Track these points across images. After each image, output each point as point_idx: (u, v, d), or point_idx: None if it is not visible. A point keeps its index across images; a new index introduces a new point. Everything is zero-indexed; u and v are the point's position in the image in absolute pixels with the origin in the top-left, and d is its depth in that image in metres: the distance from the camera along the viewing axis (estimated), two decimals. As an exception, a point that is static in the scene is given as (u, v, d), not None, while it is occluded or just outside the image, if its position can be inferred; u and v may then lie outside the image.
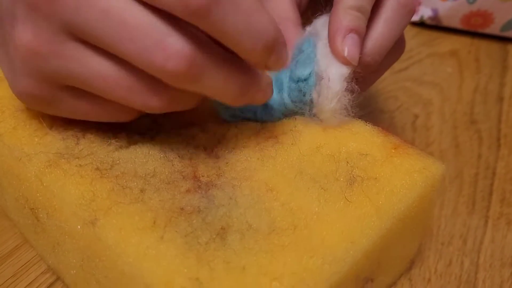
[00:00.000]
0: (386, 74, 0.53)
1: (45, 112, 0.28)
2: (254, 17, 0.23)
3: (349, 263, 0.23)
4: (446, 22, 0.60)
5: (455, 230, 0.38)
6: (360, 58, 0.31)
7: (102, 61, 0.24)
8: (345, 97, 0.30)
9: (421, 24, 0.61)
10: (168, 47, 0.22)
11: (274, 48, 0.25)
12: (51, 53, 0.24)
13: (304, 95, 0.31)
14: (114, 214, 0.24)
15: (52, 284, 0.32)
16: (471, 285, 0.35)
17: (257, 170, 0.28)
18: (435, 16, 0.59)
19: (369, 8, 0.31)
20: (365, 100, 0.49)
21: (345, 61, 0.30)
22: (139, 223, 0.24)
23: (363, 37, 0.31)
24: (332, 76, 0.30)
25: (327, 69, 0.30)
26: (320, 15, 0.33)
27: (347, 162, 0.28)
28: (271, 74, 0.31)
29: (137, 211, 0.24)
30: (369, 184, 0.27)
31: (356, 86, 0.31)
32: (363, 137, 0.30)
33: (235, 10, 0.23)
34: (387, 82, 0.52)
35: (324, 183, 0.27)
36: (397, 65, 0.54)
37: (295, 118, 0.31)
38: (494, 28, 0.59)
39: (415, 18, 0.61)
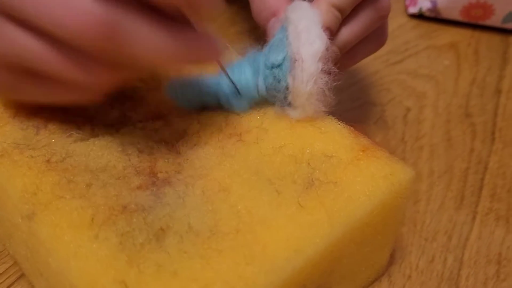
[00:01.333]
0: (380, 66, 0.52)
1: (16, 99, 0.28)
2: None
3: (289, 273, 0.22)
4: (445, 14, 0.58)
5: (441, 225, 0.37)
6: None
7: (33, 38, 0.23)
8: (321, 79, 0.29)
9: (420, 16, 0.60)
10: (74, 9, 0.21)
11: None
12: None
13: (279, 82, 0.29)
14: (54, 209, 0.24)
15: (22, 275, 0.32)
16: (453, 282, 0.34)
17: (213, 168, 0.27)
18: (434, 8, 0.58)
19: (349, 10, 0.33)
20: (356, 93, 0.48)
21: None
22: (76, 220, 0.23)
23: (334, 34, 0.33)
24: (306, 57, 0.28)
25: (299, 50, 0.29)
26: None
27: (309, 163, 0.27)
28: (248, 58, 0.30)
29: (77, 207, 0.24)
30: (327, 189, 0.26)
31: (334, 68, 0.30)
32: (330, 137, 0.28)
33: None
34: (380, 74, 0.51)
35: (280, 185, 0.26)
36: (392, 58, 0.53)
37: (264, 113, 0.30)
38: (495, 20, 0.57)
39: (414, 10, 0.59)
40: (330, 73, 0.29)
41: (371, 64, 0.52)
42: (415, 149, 0.43)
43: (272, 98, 0.30)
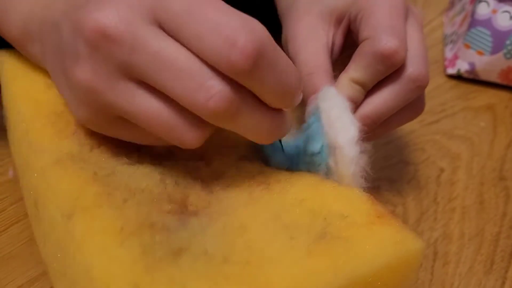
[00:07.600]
0: (416, 126, 0.53)
1: (101, 132, 0.31)
2: (286, 76, 0.27)
3: None
4: (483, 76, 0.59)
5: (469, 289, 0.38)
6: (360, 117, 0.35)
7: (148, 99, 0.27)
8: (361, 159, 0.32)
9: (459, 77, 0.61)
10: (210, 89, 0.25)
11: (297, 96, 0.29)
12: (106, 90, 0.27)
13: (319, 166, 0.33)
14: (91, 214, 0.27)
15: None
16: None
17: (238, 209, 0.29)
18: (472, 70, 0.59)
19: (370, 84, 0.36)
20: (391, 151, 0.50)
21: None
22: (108, 226, 0.26)
23: (358, 104, 0.36)
24: (344, 144, 0.32)
25: (337, 137, 0.32)
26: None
27: (325, 218, 0.29)
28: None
29: (111, 216, 0.27)
30: (337, 243, 0.27)
31: (368, 146, 0.33)
32: (349, 201, 0.30)
33: (272, 72, 0.26)
34: (415, 134, 0.52)
35: (294, 232, 0.28)
36: (428, 118, 0.55)
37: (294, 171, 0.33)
38: (534, 84, 0.58)
39: (452, 71, 0.61)
40: (366, 152, 0.33)
41: (407, 123, 0.53)
42: (447, 211, 0.44)
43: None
